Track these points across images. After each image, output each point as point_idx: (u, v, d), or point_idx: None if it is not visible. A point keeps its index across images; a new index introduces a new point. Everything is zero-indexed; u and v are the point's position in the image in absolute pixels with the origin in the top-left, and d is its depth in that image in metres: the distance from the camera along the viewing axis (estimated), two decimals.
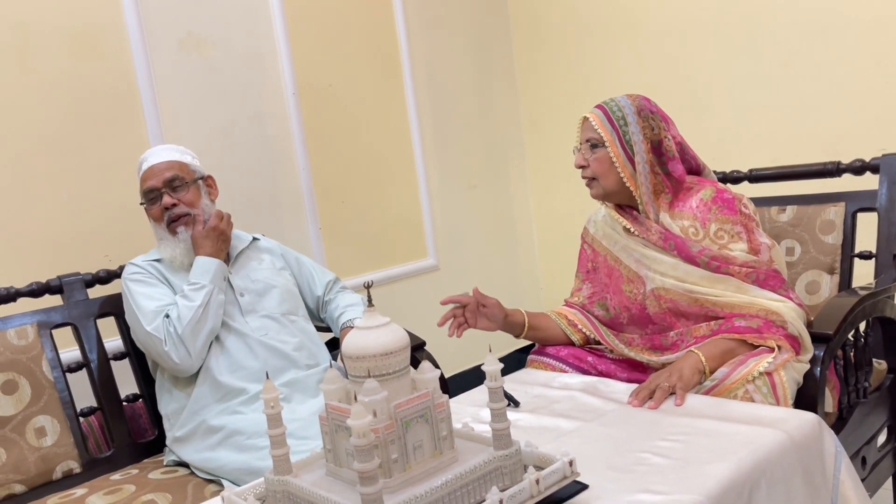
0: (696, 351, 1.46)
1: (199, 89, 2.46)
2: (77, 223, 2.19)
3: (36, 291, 1.83)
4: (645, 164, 1.60)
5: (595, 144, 1.63)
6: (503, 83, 3.40)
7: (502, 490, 0.93)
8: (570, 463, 1.00)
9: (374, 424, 0.91)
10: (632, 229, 1.64)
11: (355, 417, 0.84)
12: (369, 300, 1.00)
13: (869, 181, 1.91)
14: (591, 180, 1.66)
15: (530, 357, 1.75)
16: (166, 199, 1.76)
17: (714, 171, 1.82)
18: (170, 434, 1.72)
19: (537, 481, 0.95)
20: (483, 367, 0.99)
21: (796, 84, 2.58)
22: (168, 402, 1.73)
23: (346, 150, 2.85)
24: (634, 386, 1.44)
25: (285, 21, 2.63)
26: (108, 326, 1.91)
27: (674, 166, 1.63)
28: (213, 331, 1.69)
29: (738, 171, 2.14)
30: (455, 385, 2.31)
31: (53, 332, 1.79)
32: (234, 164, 2.53)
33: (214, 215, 1.80)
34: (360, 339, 0.96)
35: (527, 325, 1.71)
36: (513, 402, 1.41)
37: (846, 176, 1.96)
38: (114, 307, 1.89)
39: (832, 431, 1.23)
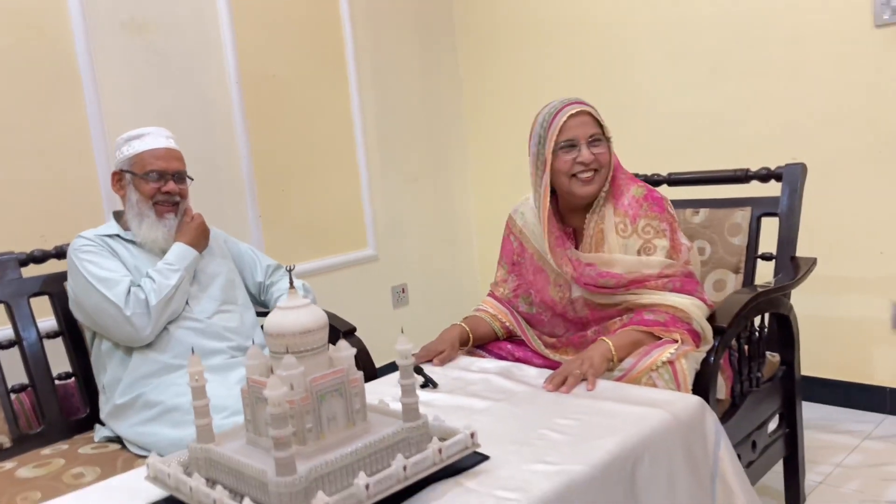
0: (606, 340, 1.58)
1: (140, 73, 2.48)
2: (12, 202, 2.19)
3: None
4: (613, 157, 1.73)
5: (597, 139, 1.68)
6: (447, 77, 3.49)
7: (408, 458, 1.02)
8: (472, 435, 1.09)
9: (290, 396, 0.99)
10: (550, 259, 1.72)
11: (271, 388, 0.92)
12: (290, 282, 1.08)
13: (773, 188, 2.06)
14: (594, 174, 1.69)
15: None
16: (171, 186, 1.83)
17: (636, 174, 1.95)
18: (106, 406, 1.76)
19: (440, 450, 1.05)
20: (396, 347, 1.08)
21: (720, 92, 2.74)
22: (104, 374, 1.79)
23: (288, 139, 2.90)
24: (545, 370, 1.55)
25: (231, 9, 2.66)
26: (40, 306, 1.93)
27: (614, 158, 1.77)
28: (174, 313, 1.78)
29: (658, 174, 2.28)
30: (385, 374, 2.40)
31: None
32: None
33: (201, 215, 1.93)
34: (281, 318, 1.04)
35: (471, 339, 1.80)
36: (431, 383, 1.51)
37: (754, 182, 2.11)
38: (48, 286, 1.91)
39: (714, 413, 1.36)
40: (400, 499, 1.02)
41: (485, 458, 1.13)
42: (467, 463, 1.11)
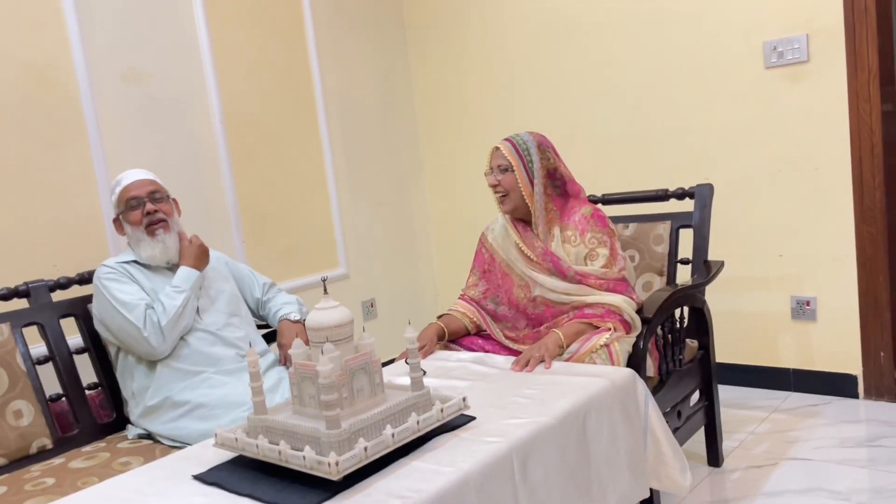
0: (556, 331, 1.97)
1: (137, 117, 2.78)
2: (26, 236, 2.45)
3: (6, 295, 2.10)
4: (541, 185, 2.10)
5: (505, 168, 2.10)
6: (405, 115, 3.88)
7: (419, 416, 1.38)
8: (464, 399, 1.46)
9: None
10: (521, 245, 2.12)
11: (323, 364, 1.26)
12: (325, 289, 1.42)
13: (688, 204, 2.50)
14: (504, 196, 2.12)
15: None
16: (149, 206, 2.10)
17: None
18: (137, 409, 2.04)
19: (441, 410, 1.40)
20: (404, 335, 1.43)
21: (642, 123, 3.19)
22: (131, 383, 2.06)
23: (267, 171, 3.22)
24: (511, 358, 1.93)
25: (213, 59, 2.99)
26: (68, 326, 2.20)
27: (572, 186, 2.16)
28: (186, 328, 2.05)
29: (594, 195, 2.70)
30: None
31: (23, 330, 2.07)
32: (168, 183, 2.82)
33: (198, 237, 2.19)
34: (320, 316, 1.39)
35: (446, 334, 2.17)
36: (422, 370, 1.86)
37: (672, 200, 2.55)
38: (75, 309, 2.19)
39: (643, 382, 1.76)
40: (415, 446, 1.37)
41: (473, 418, 1.50)
42: (460, 421, 1.47)
